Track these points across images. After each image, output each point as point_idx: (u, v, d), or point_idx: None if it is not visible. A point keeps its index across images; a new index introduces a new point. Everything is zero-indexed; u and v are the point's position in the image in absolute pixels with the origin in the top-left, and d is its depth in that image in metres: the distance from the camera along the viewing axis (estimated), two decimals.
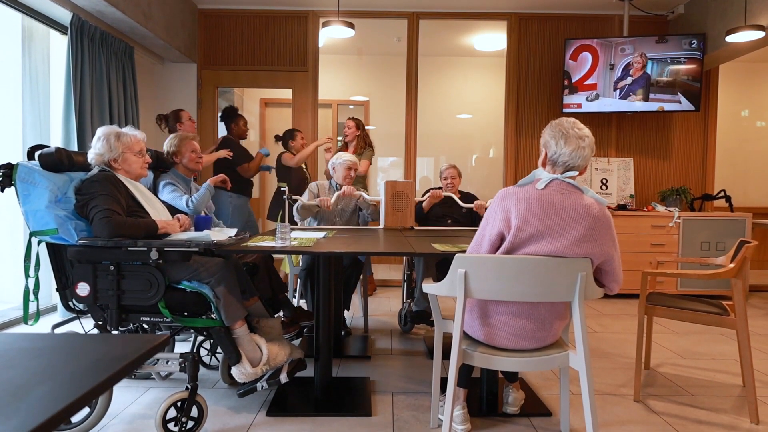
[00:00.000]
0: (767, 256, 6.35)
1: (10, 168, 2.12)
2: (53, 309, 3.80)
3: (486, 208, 3.58)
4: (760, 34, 3.99)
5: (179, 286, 2.16)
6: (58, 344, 0.74)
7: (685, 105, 4.79)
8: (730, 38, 4.13)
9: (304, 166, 4.79)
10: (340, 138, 6.14)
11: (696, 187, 5.30)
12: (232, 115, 4.37)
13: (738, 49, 4.51)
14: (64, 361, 0.66)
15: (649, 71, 4.81)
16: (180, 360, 2.04)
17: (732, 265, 2.30)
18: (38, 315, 2.21)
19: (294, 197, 3.36)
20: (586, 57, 4.93)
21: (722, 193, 4.97)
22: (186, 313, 2.18)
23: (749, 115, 6.43)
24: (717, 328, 3.75)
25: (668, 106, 4.83)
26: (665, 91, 4.81)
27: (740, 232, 4.67)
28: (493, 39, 5.99)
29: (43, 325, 3.30)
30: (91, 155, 2.28)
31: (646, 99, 4.82)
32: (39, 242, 2.14)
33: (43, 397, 0.54)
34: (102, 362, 0.65)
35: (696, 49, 4.71)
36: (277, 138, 4.78)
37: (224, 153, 3.97)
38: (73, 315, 2.27)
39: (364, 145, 4.59)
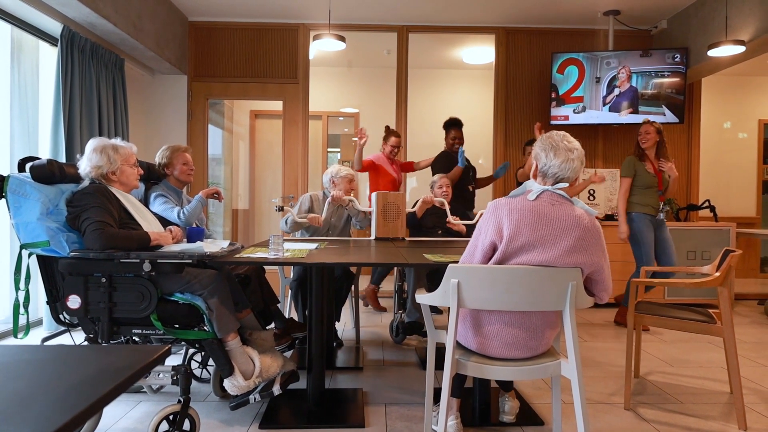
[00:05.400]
0: (751, 265, 6.45)
1: (1, 180, 2.11)
2: (39, 322, 3.75)
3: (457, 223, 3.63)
4: (741, 48, 4.10)
5: (172, 298, 2.16)
6: (60, 356, 0.74)
7: (670, 117, 4.89)
8: (711, 52, 4.23)
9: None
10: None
11: (681, 197, 5.39)
12: (445, 128, 4.56)
13: (719, 62, 4.62)
14: (69, 372, 0.67)
15: (634, 84, 4.90)
16: (172, 372, 2.03)
17: (718, 274, 2.34)
18: (28, 328, 2.19)
19: (285, 207, 3.36)
20: (573, 70, 5.02)
21: (707, 204, 5.06)
22: (178, 326, 2.17)
23: (731, 127, 6.56)
24: (704, 336, 3.80)
25: (653, 119, 4.91)
26: (650, 104, 4.91)
27: (725, 242, 4.74)
28: (481, 52, 6.08)
29: (32, 339, 3.25)
30: (87, 168, 2.27)
31: (635, 111, 4.90)
32: (30, 255, 2.13)
33: (53, 406, 0.54)
34: (107, 372, 0.65)
35: (679, 63, 4.81)
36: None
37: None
38: (63, 328, 2.25)
39: (664, 152, 4.00)
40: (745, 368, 3.08)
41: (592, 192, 5.21)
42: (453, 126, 4.53)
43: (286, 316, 2.93)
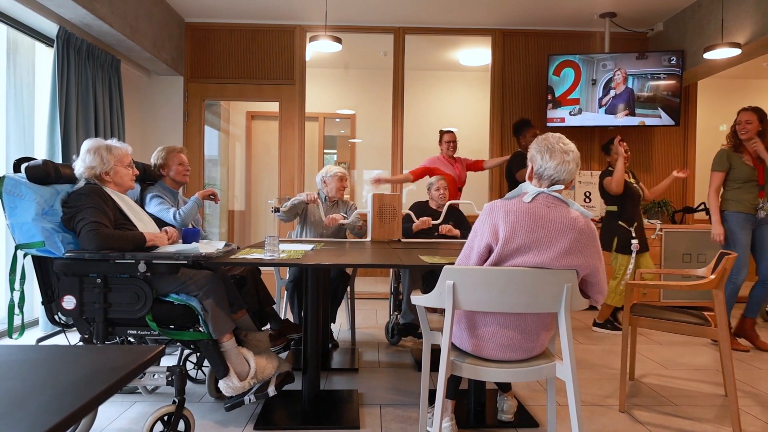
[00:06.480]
0: None
1: None
2: (35, 323, 3.73)
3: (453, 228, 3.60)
4: (736, 51, 4.12)
5: (167, 299, 2.16)
6: (55, 356, 0.74)
7: (666, 120, 4.91)
8: (707, 55, 4.25)
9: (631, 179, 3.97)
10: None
11: (677, 200, 5.41)
12: (519, 128, 4.52)
13: (715, 65, 4.65)
14: (63, 372, 0.67)
15: (630, 86, 4.92)
16: (167, 373, 2.03)
17: (713, 277, 2.35)
18: (23, 328, 2.18)
19: (280, 209, 3.36)
20: (569, 72, 5.03)
21: (702, 206, 5.07)
22: (173, 326, 2.17)
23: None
24: (699, 339, 3.81)
25: (649, 121, 4.94)
26: (646, 106, 4.93)
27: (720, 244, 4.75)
28: (477, 54, 6.09)
29: (27, 339, 3.24)
30: (81, 168, 2.26)
31: (631, 114, 4.92)
32: (25, 255, 2.12)
33: (47, 406, 0.54)
34: (101, 372, 0.65)
35: (675, 65, 4.84)
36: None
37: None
38: (59, 329, 2.25)
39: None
40: (739, 371, 3.09)
41: (588, 194, 5.23)
42: (528, 126, 4.46)
43: (282, 318, 2.93)
